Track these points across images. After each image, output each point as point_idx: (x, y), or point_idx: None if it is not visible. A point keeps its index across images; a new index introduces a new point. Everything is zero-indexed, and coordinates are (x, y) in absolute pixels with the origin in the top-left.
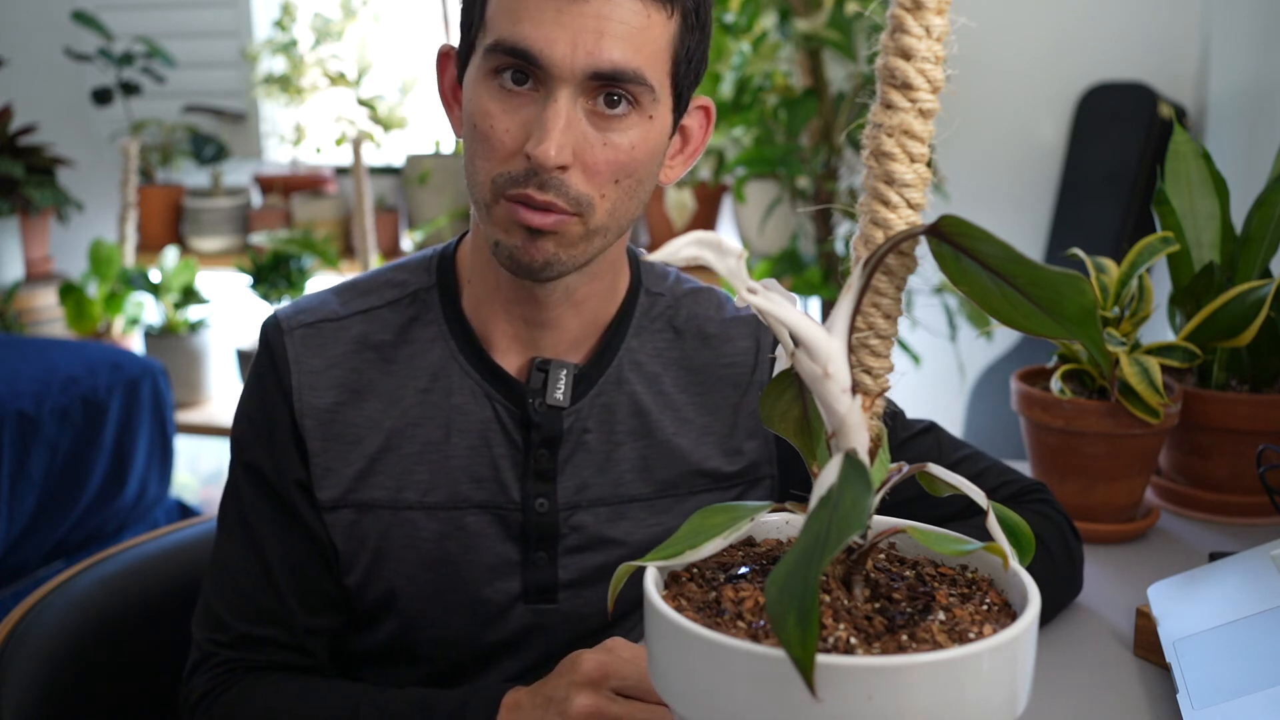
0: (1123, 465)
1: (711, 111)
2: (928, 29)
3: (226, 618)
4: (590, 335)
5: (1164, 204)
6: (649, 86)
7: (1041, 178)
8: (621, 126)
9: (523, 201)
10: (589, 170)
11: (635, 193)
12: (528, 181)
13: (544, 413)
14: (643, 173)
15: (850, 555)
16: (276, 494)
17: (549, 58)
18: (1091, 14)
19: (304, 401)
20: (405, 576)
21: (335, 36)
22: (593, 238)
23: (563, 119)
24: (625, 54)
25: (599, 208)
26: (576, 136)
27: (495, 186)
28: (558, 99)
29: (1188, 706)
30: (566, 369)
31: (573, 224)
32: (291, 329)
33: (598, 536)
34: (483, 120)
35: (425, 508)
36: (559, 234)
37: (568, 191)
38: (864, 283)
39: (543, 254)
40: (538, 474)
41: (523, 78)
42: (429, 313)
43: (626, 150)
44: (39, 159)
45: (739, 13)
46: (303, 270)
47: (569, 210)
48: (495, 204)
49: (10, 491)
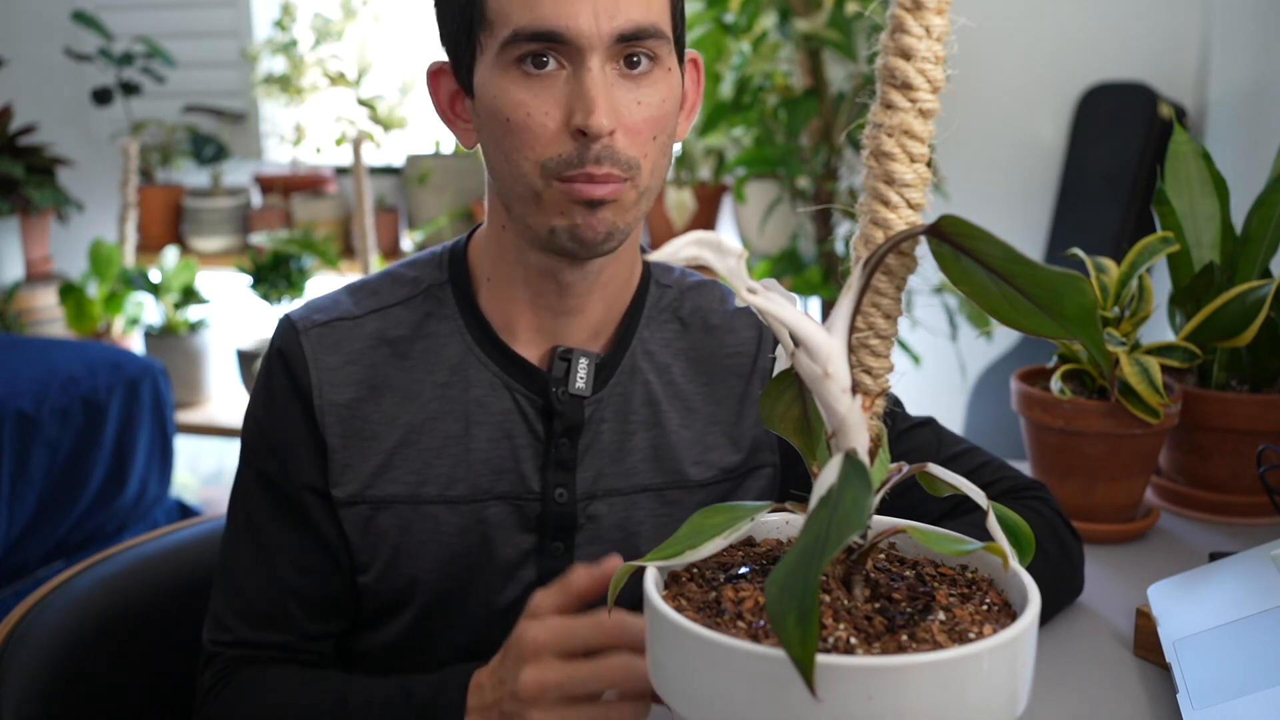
0: (1123, 465)
1: (700, 64)
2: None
3: (230, 621)
4: (609, 324)
5: (1164, 204)
6: (665, 38)
7: (1041, 178)
8: (649, 83)
9: (581, 180)
10: (631, 132)
11: (667, 149)
12: (584, 160)
13: (567, 402)
14: (672, 126)
15: (850, 555)
16: (285, 498)
17: (575, 30)
18: (1091, 14)
19: (324, 398)
20: (426, 571)
21: (335, 36)
22: (641, 200)
23: (601, 86)
24: (641, 10)
25: (644, 168)
26: (615, 101)
27: (546, 172)
28: (590, 67)
29: (1188, 706)
30: (588, 358)
31: (626, 189)
32: (307, 329)
33: (611, 526)
34: (516, 111)
35: (447, 501)
36: (616, 201)
37: (618, 157)
38: (864, 283)
39: (604, 224)
40: (558, 464)
41: (543, 61)
42: (444, 308)
43: (658, 105)
44: (39, 159)
45: (739, 13)
46: (303, 270)
47: (622, 176)
48: (548, 189)
49: (10, 491)
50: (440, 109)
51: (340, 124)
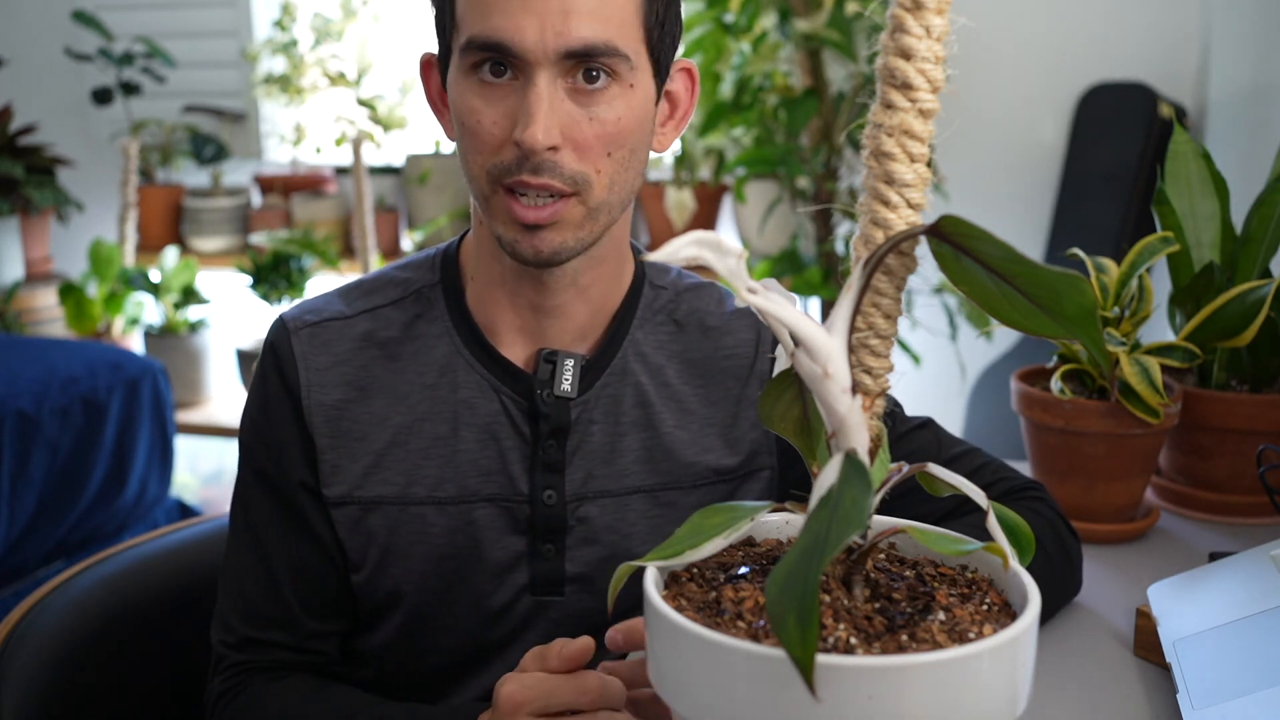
0: (1123, 465)
1: (695, 73)
2: (928, 29)
3: (234, 621)
4: (597, 326)
5: (1164, 204)
6: (624, 56)
7: (1041, 178)
8: (604, 99)
9: (518, 189)
10: (580, 147)
11: (630, 163)
12: (520, 168)
13: (552, 404)
14: (634, 142)
15: (850, 555)
16: (282, 497)
17: (521, 45)
18: (1091, 14)
19: (312, 398)
20: (414, 572)
21: (335, 36)
22: (596, 215)
23: (545, 102)
24: (594, 29)
25: (596, 184)
26: (562, 116)
27: (490, 176)
28: (537, 83)
29: (1188, 706)
30: (574, 359)
31: (572, 205)
32: (297, 329)
33: (603, 528)
34: (469, 116)
35: (435, 503)
36: (558, 222)
37: (562, 172)
38: (864, 283)
39: (548, 244)
40: (546, 466)
41: (501, 69)
42: (433, 309)
43: (613, 122)
44: (39, 159)
45: (739, 13)
46: (303, 270)
47: (567, 190)
48: (493, 195)
49: (10, 491)
50: (430, 100)
51: (340, 124)
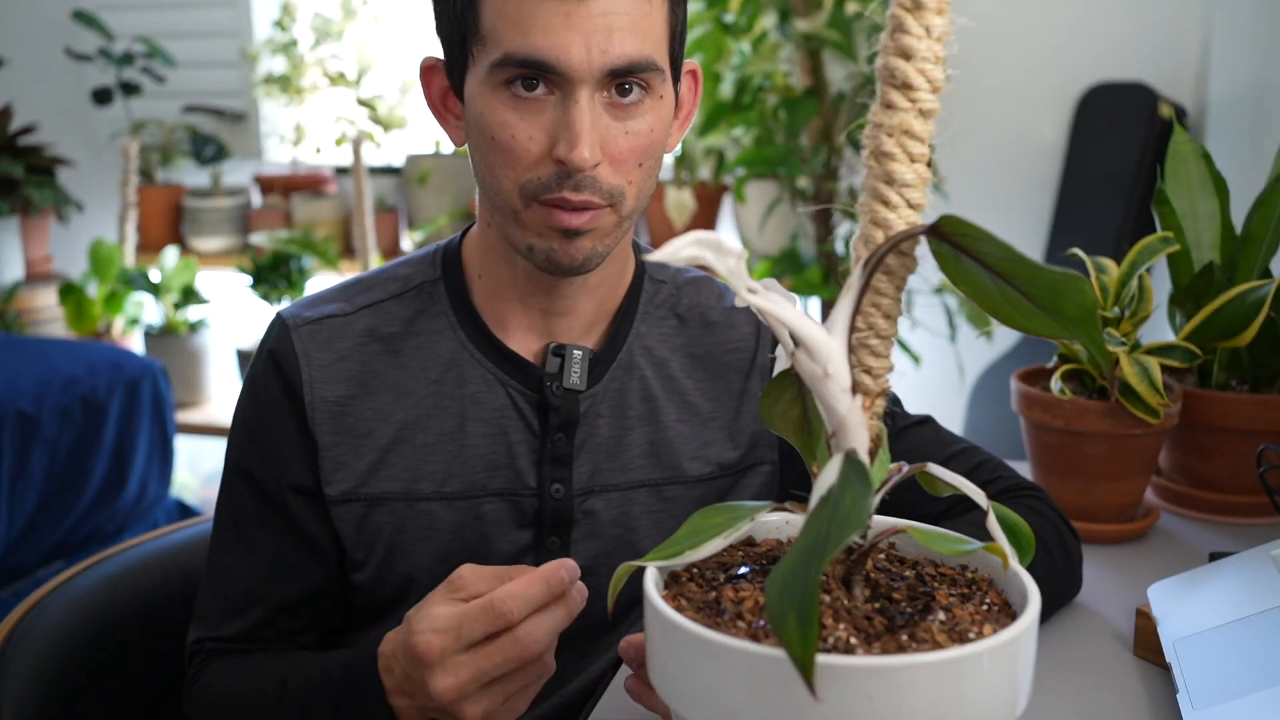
0: (1123, 465)
1: (698, 74)
2: (928, 29)
3: (214, 617)
4: (601, 320)
5: (1164, 204)
6: (659, 70)
7: (1041, 178)
8: (638, 113)
9: (558, 205)
10: (616, 161)
11: (654, 171)
12: (561, 185)
13: (562, 396)
14: (659, 150)
15: (850, 555)
16: (267, 497)
17: (566, 63)
18: (1091, 14)
19: (315, 395)
20: (422, 568)
21: (335, 36)
22: (624, 223)
23: (588, 119)
24: (636, 45)
25: (629, 194)
26: (601, 132)
27: (525, 193)
28: (579, 99)
29: (1188, 706)
30: (583, 352)
31: (606, 215)
32: (298, 326)
33: (608, 521)
34: (501, 131)
35: (443, 498)
36: (594, 229)
37: (600, 187)
38: (864, 283)
39: (581, 251)
40: (554, 459)
41: (534, 83)
42: (436, 305)
43: (646, 134)
44: (39, 159)
45: (739, 13)
46: (303, 270)
47: (603, 204)
48: (527, 209)
49: (10, 491)
50: (432, 104)
51: (340, 124)
